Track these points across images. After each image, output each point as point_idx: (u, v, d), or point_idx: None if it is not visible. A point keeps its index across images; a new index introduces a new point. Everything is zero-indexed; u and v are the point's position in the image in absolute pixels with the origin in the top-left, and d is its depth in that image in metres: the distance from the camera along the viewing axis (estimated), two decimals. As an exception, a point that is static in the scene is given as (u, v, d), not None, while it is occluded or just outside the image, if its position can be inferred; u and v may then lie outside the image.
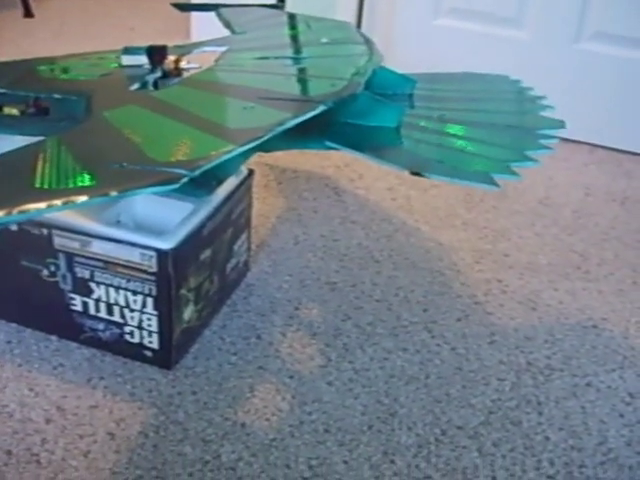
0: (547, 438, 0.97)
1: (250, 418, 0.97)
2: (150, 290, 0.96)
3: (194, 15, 2.39)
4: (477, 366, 1.08)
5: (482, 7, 1.83)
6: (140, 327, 0.99)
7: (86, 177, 0.66)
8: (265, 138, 0.74)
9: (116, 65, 1.04)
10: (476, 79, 1.18)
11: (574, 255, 1.37)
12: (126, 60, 1.03)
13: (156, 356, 1.01)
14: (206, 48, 1.09)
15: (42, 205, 0.63)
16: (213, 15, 1.46)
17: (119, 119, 0.82)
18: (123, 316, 0.99)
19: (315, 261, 1.29)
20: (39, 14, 2.60)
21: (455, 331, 1.15)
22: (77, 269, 0.98)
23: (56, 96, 1.00)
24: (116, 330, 1.01)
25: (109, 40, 2.42)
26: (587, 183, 1.62)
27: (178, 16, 2.63)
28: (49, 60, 1.09)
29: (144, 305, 0.97)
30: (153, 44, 1.03)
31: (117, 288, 0.97)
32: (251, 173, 1.10)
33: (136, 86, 0.97)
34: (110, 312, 1.00)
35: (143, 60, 1.02)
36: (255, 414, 0.97)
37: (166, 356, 1.01)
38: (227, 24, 1.32)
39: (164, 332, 0.99)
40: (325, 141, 0.88)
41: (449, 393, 1.04)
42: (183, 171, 0.66)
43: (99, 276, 0.98)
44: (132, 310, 0.98)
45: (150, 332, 0.99)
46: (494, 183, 0.79)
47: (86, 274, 0.98)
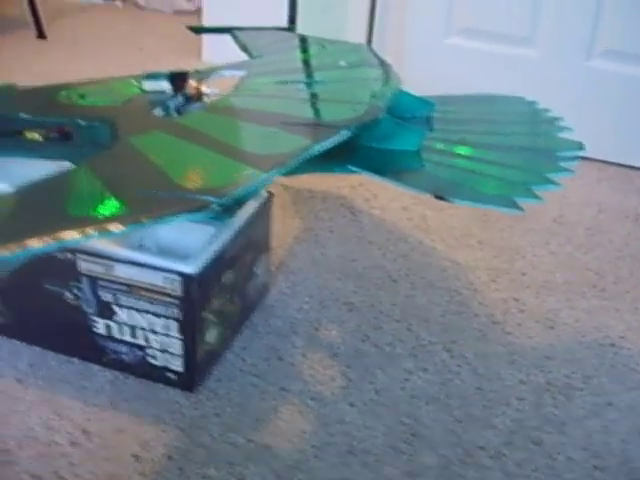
0: (570, 458, 0.97)
1: (274, 440, 0.97)
2: (174, 313, 0.96)
3: (204, 36, 2.40)
4: (497, 386, 1.09)
5: (493, 26, 1.85)
6: (163, 350, 1.00)
7: (118, 205, 0.67)
8: (292, 165, 0.75)
9: (138, 91, 1.05)
10: (492, 101, 1.19)
11: (589, 273, 1.37)
12: (148, 86, 1.05)
13: (179, 378, 1.02)
14: (225, 72, 1.11)
15: (76, 234, 0.63)
16: (223, 36, 1.48)
17: (145, 145, 0.83)
18: (146, 339, 1.00)
19: (333, 281, 1.30)
20: (51, 35, 2.62)
21: (475, 351, 1.16)
22: (101, 292, 0.99)
23: (80, 122, 1.01)
24: (139, 353, 1.02)
25: (120, 60, 2.44)
26: (600, 200, 1.63)
27: (188, 36, 2.65)
28: (70, 86, 1.11)
29: (168, 328, 0.98)
30: (174, 70, 1.04)
31: (141, 311, 0.98)
32: (271, 196, 1.12)
33: (159, 112, 0.98)
34: (133, 335, 1.01)
35: (165, 86, 1.04)
36: (279, 436, 0.98)
37: (189, 378, 1.02)
38: (243, 47, 1.33)
39: (187, 354, 1.00)
40: (347, 165, 0.89)
41: (470, 413, 1.04)
42: (212, 198, 0.67)
43: (123, 299, 0.98)
44: (155, 333, 0.99)
45: (173, 355, 1.00)
46: (517, 207, 0.80)
47: (109, 297, 0.99)
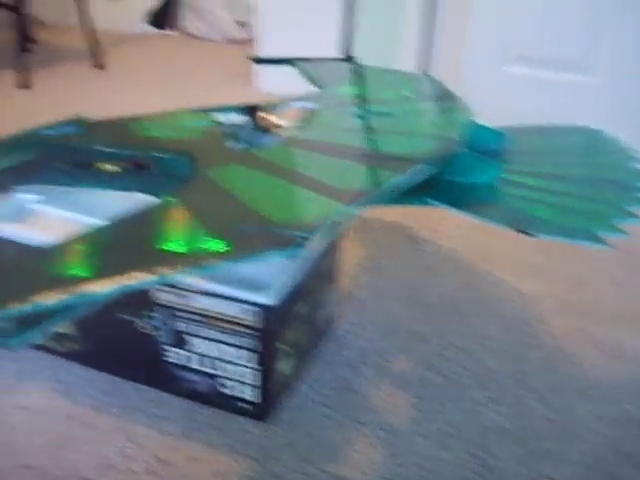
0: (649, 495, 0.96)
1: (347, 471, 0.97)
2: (250, 344, 0.97)
3: (257, 65, 2.43)
4: (569, 418, 1.08)
5: (551, 54, 1.85)
6: (237, 380, 1.01)
7: (210, 240, 0.68)
8: (375, 200, 0.75)
9: (210, 123, 1.07)
10: (560, 131, 1.19)
11: (657, 304, 1.35)
12: (220, 118, 1.06)
13: (252, 409, 1.02)
14: (295, 104, 1.12)
15: (173, 270, 0.64)
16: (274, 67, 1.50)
17: (226, 179, 0.84)
18: (220, 369, 1.01)
19: (400, 311, 1.30)
20: (108, 65, 2.67)
21: (544, 382, 1.14)
22: (175, 322, 1.00)
23: (156, 154, 1.03)
24: (212, 382, 1.03)
25: (175, 88, 2.48)
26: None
27: (240, 65, 2.70)
28: (142, 118, 1.13)
29: (243, 358, 0.99)
30: (247, 102, 1.06)
31: (216, 341, 0.99)
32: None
33: (233, 144, 0.99)
34: (207, 365, 1.02)
35: (237, 118, 1.05)
36: (352, 467, 0.98)
37: (263, 409, 1.02)
38: (307, 78, 1.34)
39: (262, 385, 1.00)
40: (426, 199, 0.89)
41: (543, 446, 1.03)
42: (302, 234, 0.68)
43: (197, 329, 0.99)
44: (230, 363, 1.00)
45: (247, 385, 1.01)
46: (602, 241, 0.80)
47: (184, 327, 1.00)
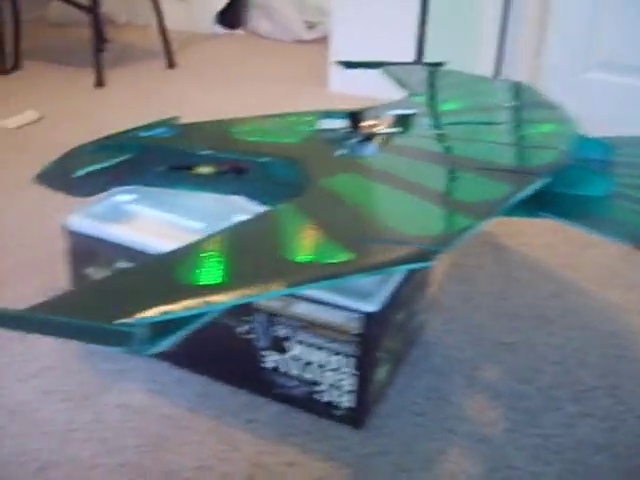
0: None
1: (445, 482, 0.97)
2: (350, 350, 0.97)
3: (332, 65, 2.43)
4: (669, 436, 1.05)
5: (636, 59, 1.81)
6: (334, 386, 1.01)
7: (338, 251, 0.68)
8: (499, 213, 0.74)
9: (313, 128, 1.07)
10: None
11: None
12: (324, 124, 1.06)
13: (347, 415, 1.02)
14: (394, 111, 1.11)
15: (305, 282, 0.64)
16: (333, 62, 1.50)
17: (343, 188, 0.83)
18: (317, 374, 1.01)
19: (487, 320, 1.29)
20: (181, 65, 2.70)
21: (639, 397, 1.12)
22: (275, 328, 1.00)
23: (257, 158, 1.03)
24: (308, 388, 1.03)
25: (247, 89, 2.50)
26: None
27: (312, 65, 2.70)
28: (242, 121, 1.13)
29: (341, 365, 0.99)
30: (352, 108, 1.05)
31: (315, 347, 0.99)
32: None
33: (341, 151, 0.99)
34: (304, 370, 1.02)
35: (342, 124, 1.05)
36: (446, 477, 0.97)
37: (358, 415, 1.02)
38: (399, 83, 1.34)
39: (359, 392, 1.00)
40: (539, 211, 0.88)
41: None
42: (433, 247, 0.67)
43: (297, 335, 1.00)
44: (328, 369, 1.00)
45: (344, 391, 1.00)
46: None
47: (283, 333, 1.00)
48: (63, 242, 1.16)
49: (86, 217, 1.12)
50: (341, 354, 0.98)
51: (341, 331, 0.96)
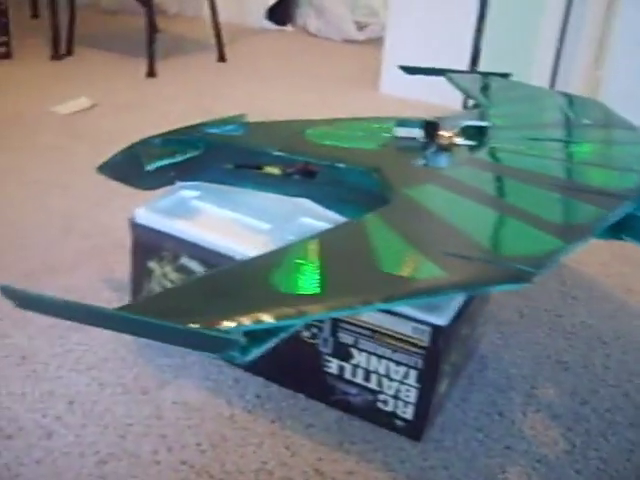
0: None
1: (504, 501, 0.96)
2: (416, 363, 0.96)
3: (384, 67, 2.42)
4: None
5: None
6: (395, 396, 1.00)
7: (432, 267, 0.67)
8: (588, 236, 0.73)
9: (388, 136, 1.06)
10: None
11: None
12: (400, 132, 1.05)
13: (407, 426, 1.01)
14: (468, 122, 1.10)
15: (400, 296, 0.64)
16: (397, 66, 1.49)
17: (427, 200, 0.83)
18: (380, 384, 1.00)
19: (543, 337, 1.28)
20: (231, 59, 2.70)
21: (700, 427, 1.11)
22: (341, 334, 1.00)
23: (330, 163, 1.02)
24: (369, 397, 1.02)
25: (297, 87, 2.49)
26: None
27: (362, 66, 2.69)
28: (315, 124, 1.12)
29: (405, 376, 0.98)
30: (428, 119, 1.05)
31: (380, 357, 0.99)
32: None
33: (420, 161, 0.98)
34: (367, 379, 1.01)
35: (417, 133, 1.04)
36: (508, 497, 0.96)
37: (418, 427, 1.01)
38: (465, 92, 1.33)
39: (421, 404, 0.99)
40: (620, 234, 0.87)
41: (702, 494, 1.00)
42: (531, 269, 0.66)
43: (363, 343, 0.99)
44: (391, 380, 0.99)
45: (406, 402, 1.00)
46: None
47: (349, 340, 1.00)
48: (128, 234, 1.16)
49: (153, 211, 1.12)
50: (406, 365, 0.97)
51: (408, 342, 0.96)
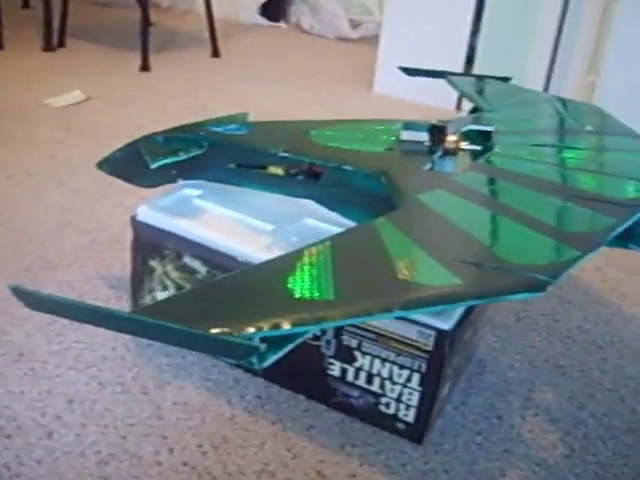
0: None
1: (504, 505, 0.96)
2: (420, 367, 0.97)
3: (378, 67, 2.42)
4: None
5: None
6: (398, 399, 1.00)
7: (447, 275, 0.67)
8: (598, 246, 0.74)
9: (394, 138, 1.06)
10: None
11: None
12: (406, 135, 1.05)
13: (408, 429, 1.02)
14: (472, 126, 1.10)
15: (411, 304, 0.64)
16: (395, 70, 1.49)
17: (439, 206, 0.83)
18: (383, 387, 1.01)
19: (540, 341, 1.29)
20: (224, 54, 2.69)
21: (696, 432, 1.12)
22: (344, 337, 1.00)
23: (335, 165, 1.02)
24: (371, 399, 1.02)
25: (292, 84, 2.49)
26: None
27: (356, 65, 2.69)
28: (320, 125, 1.12)
29: (408, 379, 0.98)
30: (434, 122, 1.05)
31: (383, 360, 0.99)
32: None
33: (427, 165, 0.98)
34: (369, 382, 1.01)
35: (424, 137, 1.04)
36: (508, 501, 0.97)
37: (419, 430, 1.02)
38: (466, 95, 1.33)
39: (423, 408, 1.00)
40: (627, 243, 0.87)
41: (699, 500, 1.01)
42: (546, 278, 0.67)
43: (366, 346, 0.99)
44: (394, 383, 1.00)
45: (408, 406, 1.00)
46: None
47: (353, 343, 1.00)
48: (126, 230, 1.16)
49: (155, 209, 1.12)
50: (409, 369, 0.98)
51: (413, 346, 0.96)
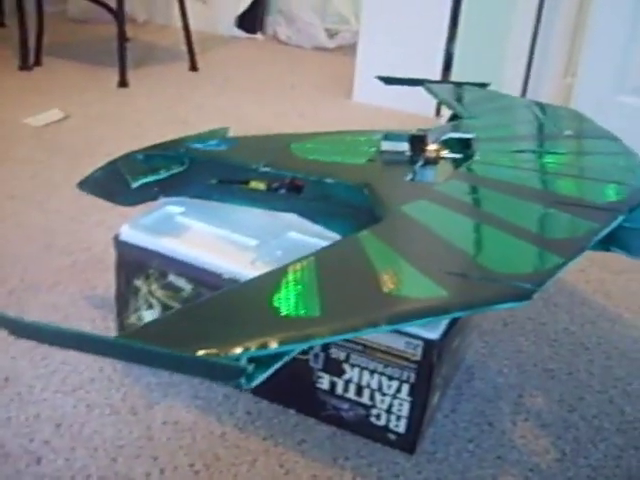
0: None
1: (498, 512, 0.96)
2: (408, 377, 0.96)
3: (357, 75, 2.43)
4: None
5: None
6: (389, 411, 1.00)
7: (432, 287, 0.67)
8: (581, 251, 0.74)
9: (375, 149, 1.06)
10: None
11: None
12: (386, 146, 1.05)
13: (400, 440, 1.02)
14: (452, 134, 1.11)
15: (398, 318, 0.64)
16: (374, 79, 1.50)
17: (423, 216, 0.83)
18: (372, 399, 1.01)
19: (527, 345, 1.29)
20: (203, 68, 2.68)
21: (685, 431, 1.12)
22: (333, 350, 1.00)
23: (317, 178, 1.02)
24: (361, 411, 1.02)
25: (270, 96, 2.49)
26: None
27: (335, 74, 2.70)
28: (301, 138, 1.12)
29: (398, 390, 0.98)
30: (414, 132, 1.05)
31: (372, 372, 0.99)
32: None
33: (409, 176, 0.98)
34: (359, 394, 1.01)
35: (404, 147, 1.04)
36: (502, 508, 0.97)
37: (411, 440, 1.01)
38: (445, 102, 1.34)
39: (413, 418, 0.99)
40: (609, 246, 0.88)
41: (692, 499, 1.01)
42: (530, 286, 0.67)
43: (355, 359, 0.99)
44: (384, 394, 0.99)
45: (399, 416, 1.00)
46: None
47: (341, 356, 1.00)
48: (108, 249, 1.15)
49: (138, 228, 1.11)
50: (399, 380, 0.98)
51: (401, 357, 0.96)
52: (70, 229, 1.55)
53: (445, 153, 1.04)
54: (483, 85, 1.46)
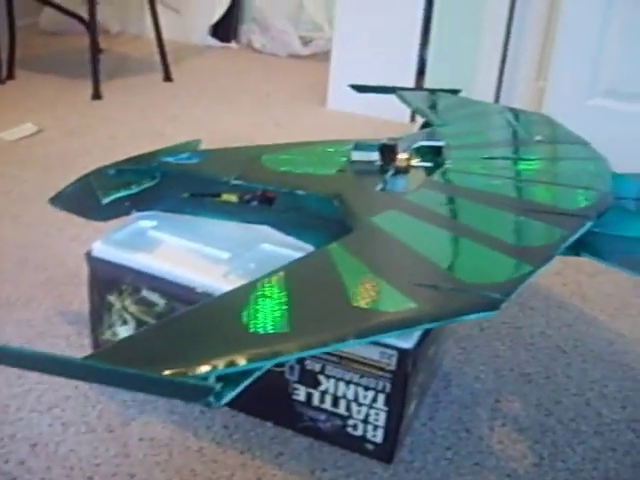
0: None
1: (477, 520, 0.96)
2: (384, 387, 0.96)
3: (331, 83, 2.43)
4: (692, 472, 1.06)
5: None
6: (365, 421, 1.00)
7: (402, 299, 0.67)
8: (551, 258, 0.74)
9: (345, 160, 1.07)
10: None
11: None
12: (356, 156, 1.05)
13: (377, 449, 1.02)
14: (423, 142, 1.11)
15: (370, 331, 0.64)
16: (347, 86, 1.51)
17: (392, 227, 0.83)
18: (349, 409, 1.00)
19: (504, 350, 1.29)
20: (177, 78, 2.68)
21: (661, 432, 1.13)
22: (308, 362, 1.00)
23: (288, 189, 1.02)
24: (338, 422, 1.02)
25: (245, 105, 2.49)
26: None
27: (309, 82, 2.70)
28: (272, 150, 1.12)
29: (374, 400, 0.98)
30: (384, 141, 1.05)
31: (347, 382, 0.99)
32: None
33: (380, 186, 0.98)
34: (335, 405, 1.01)
35: (375, 157, 1.04)
36: (480, 515, 0.97)
37: (388, 450, 1.01)
38: (417, 110, 1.34)
39: (390, 427, 1.00)
40: (579, 251, 0.88)
41: (668, 500, 1.02)
42: (499, 296, 0.67)
43: (330, 370, 0.99)
44: (360, 404, 0.99)
45: (376, 426, 1.00)
46: None
47: (317, 367, 1.00)
48: (83, 265, 1.15)
49: (110, 244, 1.11)
50: (374, 390, 0.98)
51: (376, 367, 0.96)
52: (44, 244, 1.54)
53: (416, 162, 1.05)
54: (455, 91, 1.47)
